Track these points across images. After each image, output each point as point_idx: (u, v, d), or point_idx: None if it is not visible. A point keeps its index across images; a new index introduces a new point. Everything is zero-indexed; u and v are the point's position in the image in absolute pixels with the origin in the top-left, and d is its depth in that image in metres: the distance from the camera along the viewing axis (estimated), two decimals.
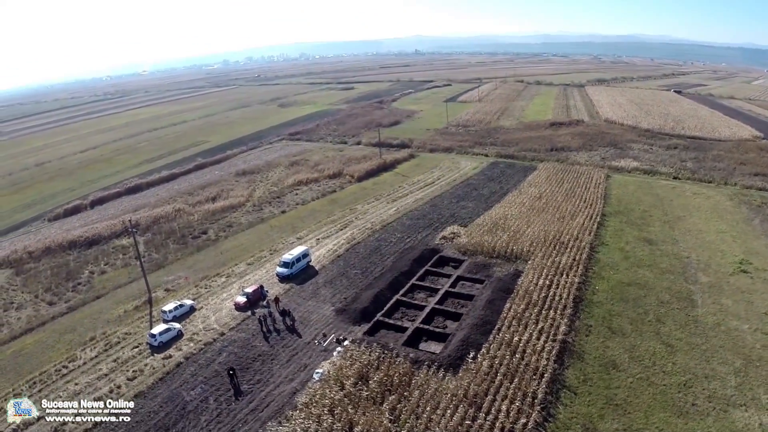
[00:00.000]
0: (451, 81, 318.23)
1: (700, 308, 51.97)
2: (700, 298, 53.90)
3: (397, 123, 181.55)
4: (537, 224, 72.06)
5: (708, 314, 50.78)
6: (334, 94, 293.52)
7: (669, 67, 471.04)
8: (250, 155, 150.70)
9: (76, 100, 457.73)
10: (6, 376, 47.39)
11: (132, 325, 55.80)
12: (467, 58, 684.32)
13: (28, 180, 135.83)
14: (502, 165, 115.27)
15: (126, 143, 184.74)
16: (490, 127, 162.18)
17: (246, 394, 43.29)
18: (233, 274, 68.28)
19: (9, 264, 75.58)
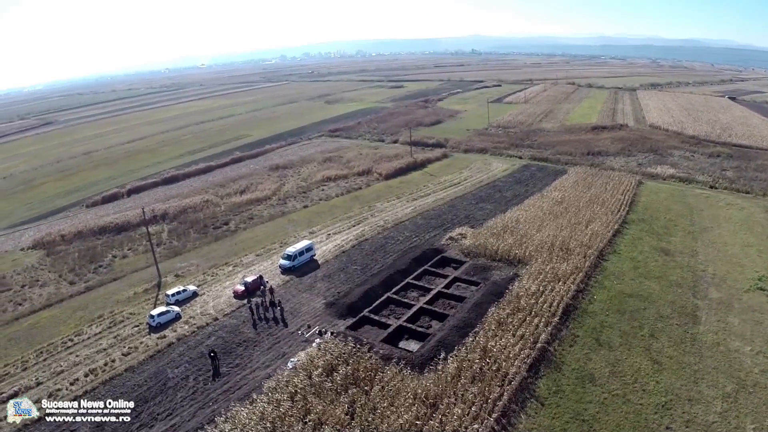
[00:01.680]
0: (501, 82, 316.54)
1: (702, 325, 50.50)
2: (705, 315, 52.32)
3: (439, 122, 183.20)
4: (548, 229, 72.05)
5: (709, 332, 49.38)
6: (383, 92, 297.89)
7: (728, 72, 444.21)
8: (287, 150, 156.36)
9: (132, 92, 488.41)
10: (19, 346, 53.61)
11: (138, 306, 61.09)
12: (523, 59, 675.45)
13: (74, 168, 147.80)
14: (534, 168, 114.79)
15: (171, 135, 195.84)
16: (531, 129, 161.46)
17: (223, 376, 46.98)
18: (240, 264, 72.74)
19: (42, 245, 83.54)
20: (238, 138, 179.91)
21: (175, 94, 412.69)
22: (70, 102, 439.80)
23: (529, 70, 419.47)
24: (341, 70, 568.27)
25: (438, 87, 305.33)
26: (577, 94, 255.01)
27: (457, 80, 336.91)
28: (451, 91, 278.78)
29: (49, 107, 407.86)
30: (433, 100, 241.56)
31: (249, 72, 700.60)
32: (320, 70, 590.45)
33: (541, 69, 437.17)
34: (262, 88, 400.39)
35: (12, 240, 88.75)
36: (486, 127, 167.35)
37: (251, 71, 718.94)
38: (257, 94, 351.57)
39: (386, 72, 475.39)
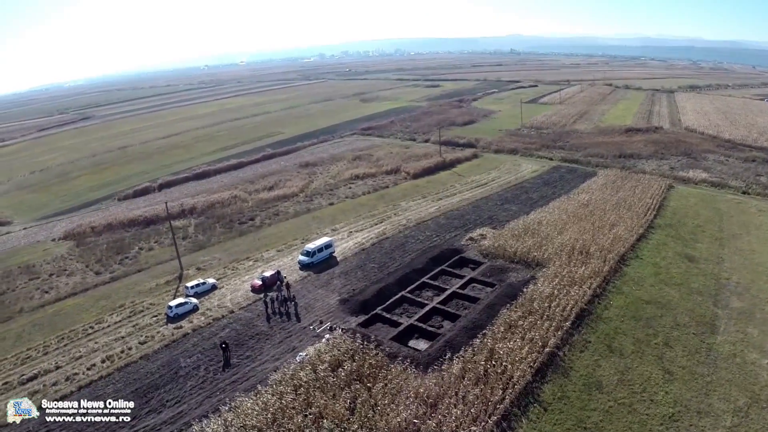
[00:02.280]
0: (538, 82, 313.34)
1: (720, 335, 49.14)
2: (724, 325, 50.86)
3: (472, 122, 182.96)
4: (570, 232, 71.20)
5: (726, 343, 48.04)
6: (418, 91, 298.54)
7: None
8: (318, 148, 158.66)
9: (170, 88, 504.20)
10: (42, 331, 56.99)
11: (158, 297, 63.75)
12: (562, 60, 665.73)
13: (109, 162, 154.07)
14: (564, 169, 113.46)
15: (206, 131, 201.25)
16: (564, 131, 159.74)
17: (233, 367, 48.72)
18: (261, 259, 74.77)
19: (73, 236, 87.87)
20: (270, 135, 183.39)
21: (213, 91, 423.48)
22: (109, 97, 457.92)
23: (567, 71, 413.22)
24: (378, 69, 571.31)
25: (474, 87, 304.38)
26: (614, 96, 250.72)
27: (493, 80, 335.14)
28: (486, 91, 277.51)
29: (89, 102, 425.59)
30: (467, 100, 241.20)
31: (287, 69, 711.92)
32: (357, 69, 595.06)
33: (580, 70, 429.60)
34: (299, 86, 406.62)
35: (45, 231, 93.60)
36: (519, 127, 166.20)
37: (289, 69, 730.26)
38: (293, 91, 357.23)
39: (423, 71, 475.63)
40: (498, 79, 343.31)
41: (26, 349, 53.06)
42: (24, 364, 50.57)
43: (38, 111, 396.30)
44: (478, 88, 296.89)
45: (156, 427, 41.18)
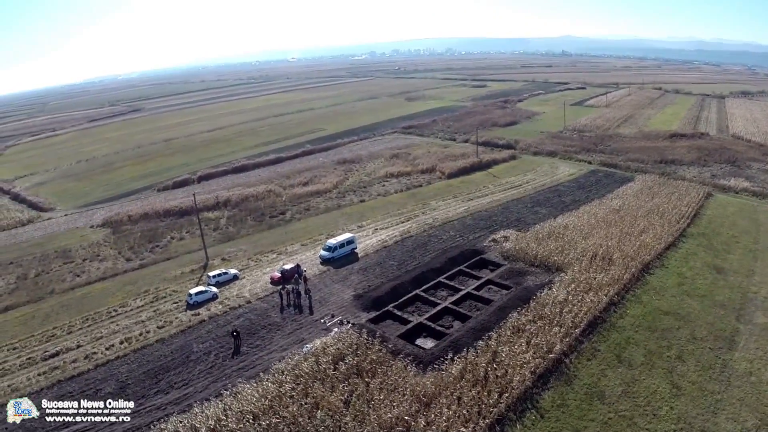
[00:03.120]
0: (586, 84, 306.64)
1: (738, 352, 47.17)
2: (744, 341, 48.76)
3: (514, 123, 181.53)
4: (595, 237, 69.97)
5: (743, 360, 46.09)
6: (464, 91, 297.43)
7: None
8: (358, 145, 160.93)
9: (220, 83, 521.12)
10: (69, 312, 61.48)
11: (181, 285, 67.13)
12: (613, 62, 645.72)
13: (152, 153, 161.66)
14: (601, 173, 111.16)
15: (250, 126, 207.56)
16: (606, 134, 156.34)
17: (242, 355, 51.03)
18: (285, 252, 77.34)
19: (110, 224, 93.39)
20: (312, 131, 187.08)
21: (261, 86, 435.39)
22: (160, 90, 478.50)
23: (617, 74, 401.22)
24: (427, 68, 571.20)
25: (521, 88, 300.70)
26: (662, 100, 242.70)
27: (541, 81, 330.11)
28: (532, 92, 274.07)
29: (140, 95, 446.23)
30: (513, 101, 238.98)
31: (336, 67, 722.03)
32: (407, 67, 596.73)
33: (630, 73, 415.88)
34: (346, 83, 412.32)
35: (85, 218, 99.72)
36: (561, 129, 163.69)
37: (339, 66, 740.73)
38: (341, 88, 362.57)
39: (472, 71, 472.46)
40: (546, 80, 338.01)
41: (52, 328, 57.43)
42: (48, 341, 54.73)
43: (91, 102, 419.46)
44: (524, 89, 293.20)
45: (161, 406, 43.79)
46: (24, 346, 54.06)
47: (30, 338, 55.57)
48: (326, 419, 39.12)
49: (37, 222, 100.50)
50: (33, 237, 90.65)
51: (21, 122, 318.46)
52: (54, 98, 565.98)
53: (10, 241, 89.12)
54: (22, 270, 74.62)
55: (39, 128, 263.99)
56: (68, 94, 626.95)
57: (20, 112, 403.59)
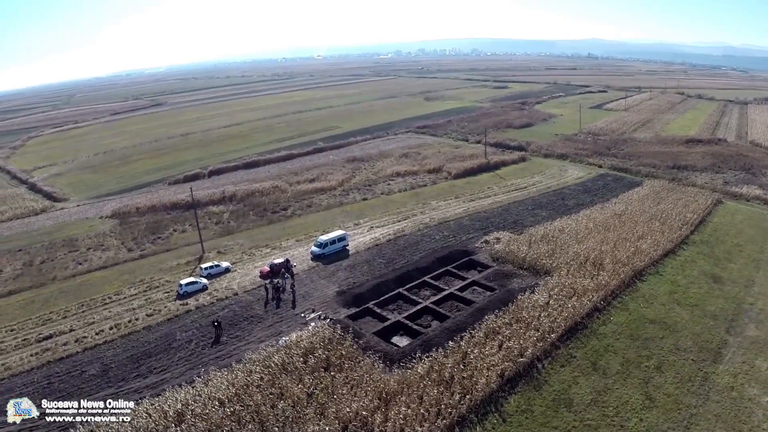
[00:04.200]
0: (608, 87, 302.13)
1: (723, 365, 46.15)
2: (731, 353, 47.67)
3: (529, 125, 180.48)
4: (590, 242, 69.60)
5: (727, 373, 45.10)
6: (484, 92, 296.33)
7: None
8: (369, 144, 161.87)
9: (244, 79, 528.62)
10: (67, 298, 64.29)
11: (175, 275, 69.34)
12: (639, 66, 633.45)
13: (168, 148, 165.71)
14: (610, 177, 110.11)
15: (266, 122, 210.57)
16: (621, 138, 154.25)
17: (222, 344, 52.70)
18: (279, 247, 79.00)
19: (118, 215, 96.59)
20: (327, 129, 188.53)
21: (284, 83, 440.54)
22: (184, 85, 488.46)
23: (641, 77, 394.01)
24: (451, 68, 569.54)
25: (542, 89, 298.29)
26: (684, 105, 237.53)
27: (563, 84, 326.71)
28: (552, 94, 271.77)
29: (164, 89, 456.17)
30: (531, 103, 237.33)
31: (360, 65, 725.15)
32: (430, 67, 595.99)
33: (654, 77, 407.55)
34: (368, 82, 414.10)
35: (95, 208, 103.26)
36: (576, 132, 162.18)
37: (363, 64, 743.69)
38: (361, 87, 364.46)
39: (495, 72, 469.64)
40: (568, 82, 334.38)
41: (49, 312, 60.32)
42: (44, 324, 57.57)
43: (115, 96, 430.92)
44: (545, 91, 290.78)
45: (138, 389, 45.83)
46: (21, 328, 56.99)
47: (27, 321, 58.52)
48: (287, 410, 40.32)
49: (49, 211, 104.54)
50: (44, 226, 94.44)
51: (45, 114, 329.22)
52: (80, 91, 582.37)
53: (22, 229, 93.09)
54: (29, 257, 78.07)
55: (62, 120, 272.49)
56: (95, 87, 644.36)
57: (46, 104, 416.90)
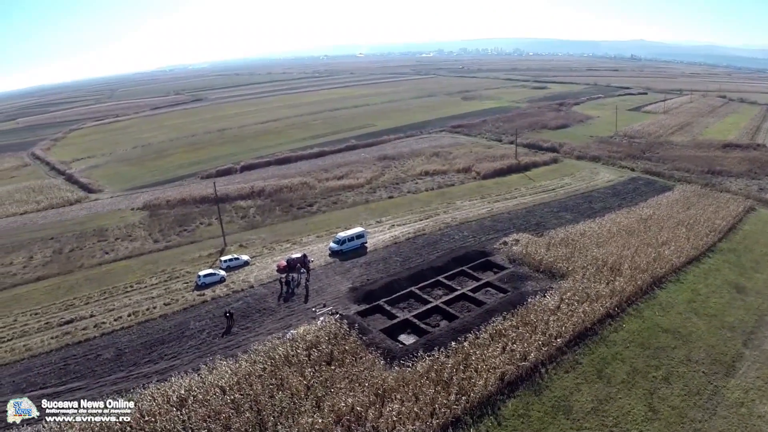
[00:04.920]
0: (648, 89, 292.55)
1: (735, 379, 44.27)
2: (745, 367, 45.64)
3: (565, 126, 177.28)
4: (611, 246, 68.01)
5: (738, 388, 43.23)
6: (523, 92, 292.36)
7: None
8: (402, 142, 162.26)
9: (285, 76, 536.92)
10: (91, 285, 67.63)
11: (196, 267, 71.64)
12: (682, 68, 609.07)
13: (205, 143, 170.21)
14: (641, 181, 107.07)
15: (303, 119, 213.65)
16: (657, 141, 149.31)
17: (232, 335, 54.24)
18: (299, 243, 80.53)
19: (149, 208, 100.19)
20: (362, 127, 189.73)
21: (324, 81, 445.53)
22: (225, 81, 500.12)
23: (684, 80, 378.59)
24: (491, 68, 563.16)
25: (581, 90, 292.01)
26: (725, 109, 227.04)
27: (603, 85, 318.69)
28: (591, 95, 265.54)
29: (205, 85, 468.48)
30: (569, 104, 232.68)
31: (401, 63, 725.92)
32: (471, 66, 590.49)
33: (697, 80, 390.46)
34: (407, 80, 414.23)
35: (128, 200, 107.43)
36: (612, 135, 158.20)
37: (404, 63, 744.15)
38: (400, 85, 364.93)
39: (536, 72, 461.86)
40: (608, 84, 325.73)
41: (72, 298, 63.50)
42: (67, 310, 60.68)
43: (157, 91, 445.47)
44: (584, 92, 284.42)
45: (147, 375, 47.82)
46: (45, 312, 60.34)
47: (51, 306, 61.84)
48: (285, 400, 41.28)
49: (84, 202, 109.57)
50: (77, 216, 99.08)
51: (88, 107, 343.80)
52: (123, 85, 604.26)
53: (56, 219, 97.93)
54: (59, 245, 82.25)
55: (103, 114, 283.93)
56: (138, 82, 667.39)
57: (89, 98, 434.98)
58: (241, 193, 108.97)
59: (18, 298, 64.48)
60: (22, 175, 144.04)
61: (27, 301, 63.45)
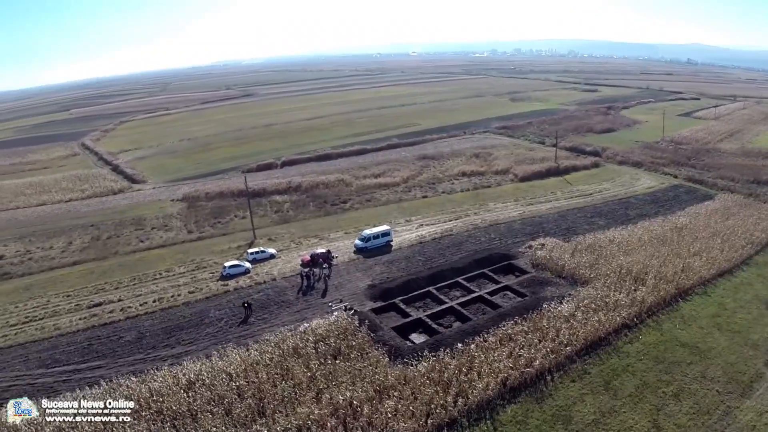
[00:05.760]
0: (701, 95, 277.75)
1: (751, 400, 41.99)
2: (762, 388, 43.25)
3: (611, 130, 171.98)
4: (638, 254, 65.77)
5: (752, 410, 41.02)
6: (572, 95, 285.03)
7: None
8: (444, 142, 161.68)
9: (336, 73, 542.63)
10: (122, 271, 71.54)
11: (223, 258, 74.33)
12: (738, 74, 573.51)
13: (250, 137, 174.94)
14: (683, 189, 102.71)
15: (348, 117, 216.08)
16: (704, 148, 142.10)
17: (249, 325, 56.11)
18: (326, 238, 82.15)
19: (188, 199, 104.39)
20: (406, 126, 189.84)
21: (374, 79, 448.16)
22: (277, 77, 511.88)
23: (739, 86, 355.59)
24: (543, 69, 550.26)
25: (632, 94, 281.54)
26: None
27: (656, 89, 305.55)
28: (642, 99, 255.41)
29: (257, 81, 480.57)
30: (618, 108, 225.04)
31: (453, 63, 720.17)
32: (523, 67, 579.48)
33: (753, 86, 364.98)
34: (457, 80, 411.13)
35: (169, 191, 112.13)
36: (658, 140, 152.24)
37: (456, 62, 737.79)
38: (450, 85, 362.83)
39: (588, 74, 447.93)
40: (661, 88, 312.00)
41: (104, 283, 67.41)
42: (97, 293, 64.46)
43: (209, 85, 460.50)
44: (635, 96, 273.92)
45: (164, 357, 50.40)
46: (76, 295, 64.37)
47: (83, 289, 65.87)
48: (287, 390, 42.59)
49: (126, 192, 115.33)
50: (119, 205, 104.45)
51: (140, 100, 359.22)
52: (177, 79, 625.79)
53: (98, 207, 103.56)
54: (98, 232, 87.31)
55: (155, 107, 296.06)
56: (192, 76, 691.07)
57: (143, 91, 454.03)
58: (278, 188, 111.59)
59: (54, 280, 68.96)
60: (71, 164, 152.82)
61: (62, 283, 67.74)
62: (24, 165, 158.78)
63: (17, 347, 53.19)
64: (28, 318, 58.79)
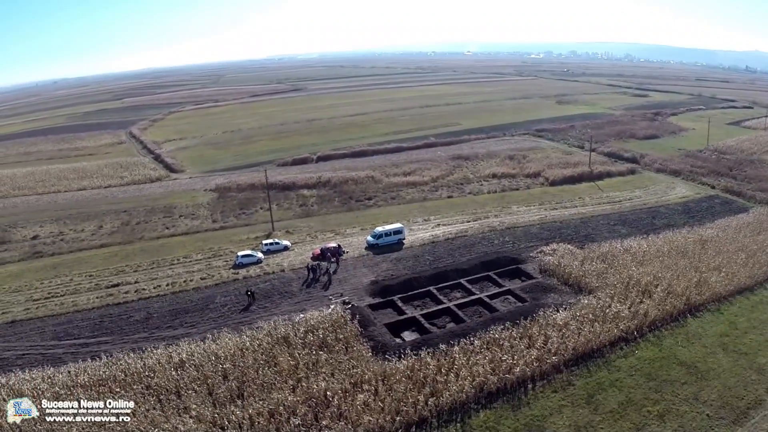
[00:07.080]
0: (755, 104, 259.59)
1: (743, 428, 39.38)
2: (760, 417, 40.24)
3: (654, 137, 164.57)
4: (652, 266, 63.13)
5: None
6: (621, 99, 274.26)
7: None
8: (481, 143, 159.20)
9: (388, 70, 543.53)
10: (143, 255, 75.49)
11: (240, 247, 76.96)
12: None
13: (291, 132, 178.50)
14: (718, 200, 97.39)
15: (391, 114, 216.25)
16: (748, 159, 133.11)
17: (250, 312, 58.13)
18: (341, 233, 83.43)
19: (219, 190, 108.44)
20: (447, 125, 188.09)
21: (424, 77, 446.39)
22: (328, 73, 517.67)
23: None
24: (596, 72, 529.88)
25: (683, 100, 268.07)
26: None
27: (708, 96, 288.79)
28: (691, 106, 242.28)
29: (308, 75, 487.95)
30: (665, 114, 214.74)
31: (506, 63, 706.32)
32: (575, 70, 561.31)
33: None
34: (507, 81, 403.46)
35: (203, 181, 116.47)
36: (701, 149, 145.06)
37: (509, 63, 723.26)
38: (499, 86, 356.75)
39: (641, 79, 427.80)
40: (713, 95, 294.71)
41: (125, 265, 71.38)
42: (117, 275, 68.38)
43: (261, 78, 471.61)
44: (685, 102, 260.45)
45: (165, 338, 53.01)
46: (98, 275, 68.57)
47: (105, 270, 70.07)
48: (268, 375, 44.05)
49: (164, 180, 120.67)
50: (153, 192, 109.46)
51: (191, 91, 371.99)
52: (231, 72, 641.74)
53: (134, 194, 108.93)
54: (129, 218, 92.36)
55: (204, 98, 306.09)
56: (246, 69, 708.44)
57: (195, 82, 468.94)
58: (308, 183, 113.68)
59: (80, 260, 73.54)
60: (116, 152, 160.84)
61: (86, 264, 72.13)
62: (71, 151, 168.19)
63: (36, 320, 57.38)
64: (50, 294, 63.17)
